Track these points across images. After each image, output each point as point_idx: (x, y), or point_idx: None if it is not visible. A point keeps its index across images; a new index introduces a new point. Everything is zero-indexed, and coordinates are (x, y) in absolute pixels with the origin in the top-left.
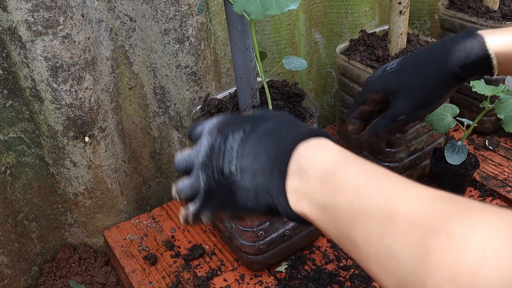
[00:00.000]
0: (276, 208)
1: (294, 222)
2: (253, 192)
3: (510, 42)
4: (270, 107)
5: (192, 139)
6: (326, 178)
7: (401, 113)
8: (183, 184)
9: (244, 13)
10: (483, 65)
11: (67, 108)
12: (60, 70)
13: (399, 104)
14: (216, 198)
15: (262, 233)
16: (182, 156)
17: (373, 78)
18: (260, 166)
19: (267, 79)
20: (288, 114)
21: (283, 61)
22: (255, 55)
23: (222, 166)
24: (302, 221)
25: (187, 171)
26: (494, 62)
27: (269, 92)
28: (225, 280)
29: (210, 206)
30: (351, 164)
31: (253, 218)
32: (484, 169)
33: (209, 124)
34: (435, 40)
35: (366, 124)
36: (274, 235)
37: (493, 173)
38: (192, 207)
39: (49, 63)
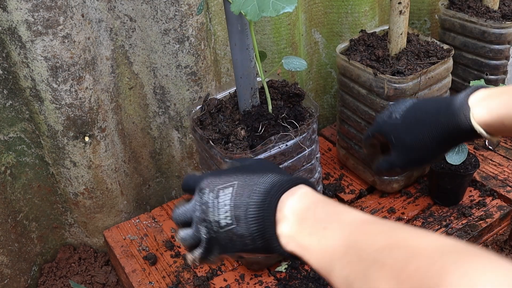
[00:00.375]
0: (271, 249)
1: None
2: (250, 237)
3: (496, 114)
4: (270, 107)
5: (185, 191)
6: (303, 223)
7: (396, 165)
8: (185, 234)
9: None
10: (472, 136)
11: (67, 108)
12: (60, 70)
13: (395, 156)
14: (217, 244)
15: None
16: (180, 210)
17: (381, 120)
18: (252, 216)
19: (266, 79)
20: (266, 161)
21: (282, 61)
22: (255, 55)
23: (219, 219)
24: (295, 257)
25: (186, 223)
26: (484, 134)
27: (269, 92)
28: (225, 280)
29: (214, 251)
30: (321, 208)
31: (254, 255)
32: (484, 169)
33: (200, 182)
34: (435, 40)
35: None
36: None
37: (493, 173)
38: (197, 253)
39: (49, 63)
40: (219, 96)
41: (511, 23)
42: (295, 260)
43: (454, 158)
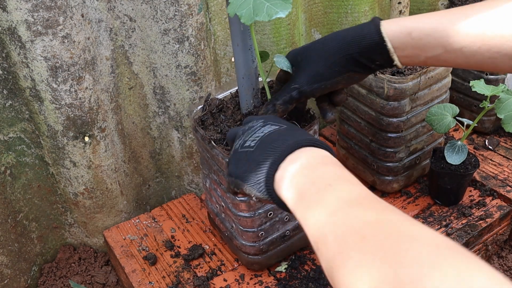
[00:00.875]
0: (263, 188)
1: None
2: (255, 164)
3: (404, 25)
4: (269, 96)
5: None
6: (310, 171)
7: (295, 88)
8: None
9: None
10: (380, 50)
11: (67, 108)
12: (60, 70)
13: (297, 76)
14: (230, 164)
15: (262, 233)
16: (233, 129)
17: (291, 52)
18: (272, 148)
19: (268, 79)
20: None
21: (274, 59)
22: (256, 55)
23: (246, 140)
24: (280, 202)
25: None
26: (389, 46)
27: (270, 93)
28: (225, 280)
29: (227, 171)
30: (331, 166)
31: (245, 195)
32: (484, 169)
33: (261, 116)
34: None
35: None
36: (274, 235)
37: (493, 173)
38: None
39: (49, 63)
40: (220, 96)
41: None
42: (278, 203)
43: (454, 158)
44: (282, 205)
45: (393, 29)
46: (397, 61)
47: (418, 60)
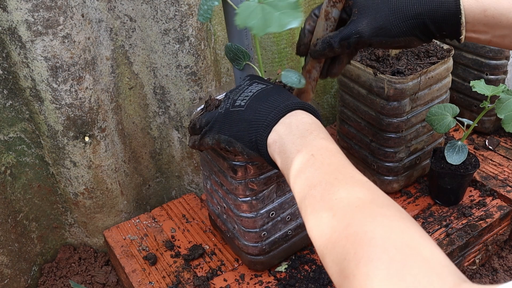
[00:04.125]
0: (256, 141)
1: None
2: (247, 123)
3: (482, 1)
4: None
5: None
6: (300, 138)
7: (358, 32)
8: (204, 114)
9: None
10: (452, 22)
11: (67, 108)
12: (60, 70)
13: (359, 21)
14: (220, 122)
15: (265, 233)
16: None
17: None
18: (264, 108)
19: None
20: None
21: (282, 72)
22: (257, 55)
23: (237, 99)
24: (271, 162)
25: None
26: (463, 19)
27: None
28: (225, 280)
29: (215, 128)
30: (318, 133)
31: (236, 152)
32: (484, 169)
33: (247, 75)
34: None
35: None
36: (276, 235)
37: (493, 173)
38: (202, 132)
39: (49, 63)
40: (220, 96)
41: None
42: (268, 161)
43: (454, 158)
44: (273, 164)
45: (471, 3)
46: (463, 36)
47: (484, 37)
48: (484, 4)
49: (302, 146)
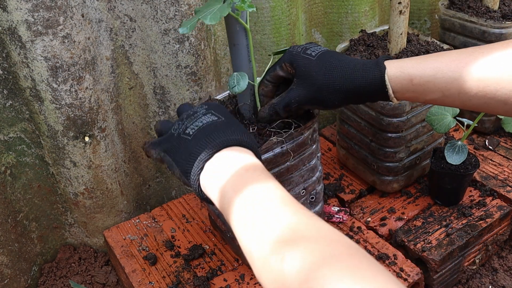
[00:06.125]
0: (187, 172)
1: None
2: (188, 154)
3: (407, 73)
4: (259, 106)
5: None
6: (232, 178)
7: (296, 100)
8: (164, 121)
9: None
10: (381, 94)
11: (67, 108)
12: (60, 70)
13: (297, 91)
14: (169, 144)
15: None
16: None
17: (295, 51)
18: (204, 143)
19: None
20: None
21: (232, 74)
22: (251, 56)
23: (187, 127)
24: (204, 197)
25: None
26: (390, 92)
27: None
28: (225, 280)
29: (163, 145)
30: (246, 172)
31: (175, 176)
32: (484, 169)
33: (205, 103)
34: (435, 40)
35: (277, 89)
36: None
37: (493, 173)
38: (154, 140)
39: (49, 63)
40: (219, 96)
41: (511, 23)
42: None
43: (454, 158)
44: (207, 200)
45: (397, 75)
46: (395, 101)
47: (416, 100)
48: (410, 74)
49: (231, 185)
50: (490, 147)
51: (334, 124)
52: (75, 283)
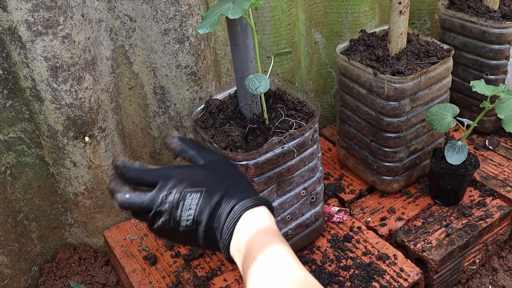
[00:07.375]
0: (217, 250)
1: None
2: (204, 239)
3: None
4: (264, 107)
5: (141, 182)
6: (246, 244)
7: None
8: (137, 198)
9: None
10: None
11: (67, 108)
12: (60, 70)
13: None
14: (164, 232)
15: None
16: (136, 199)
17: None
18: (216, 224)
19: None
20: (229, 162)
21: (248, 76)
22: (256, 55)
23: (180, 219)
24: (232, 260)
25: (140, 211)
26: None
27: (271, 97)
28: (225, 280)
29: (169, 239)
30: (262, 239)
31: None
32: (484, 169)
33: (166, 179)
34: (435, 40)
35: None
36: None
37: (493, 173)
38: (145, 220)
39: (49, 63)
40: (219, 96)
41: (511, 23)
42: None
43: (454, 158)
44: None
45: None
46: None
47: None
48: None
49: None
50: (490, 147)
51: (334, 124)
52: (75, 283)
